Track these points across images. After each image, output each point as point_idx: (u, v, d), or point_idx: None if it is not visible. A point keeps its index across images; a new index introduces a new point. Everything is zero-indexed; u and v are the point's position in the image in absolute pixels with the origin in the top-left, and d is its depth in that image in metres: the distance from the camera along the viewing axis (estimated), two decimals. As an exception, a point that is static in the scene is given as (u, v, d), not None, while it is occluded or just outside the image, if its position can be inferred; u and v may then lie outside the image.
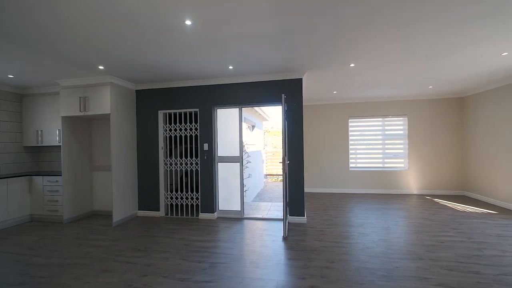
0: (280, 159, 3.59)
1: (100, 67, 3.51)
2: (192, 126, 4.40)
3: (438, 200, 5.37)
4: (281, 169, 3.45)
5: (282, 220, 4.06)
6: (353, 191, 6.26)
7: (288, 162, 3.86)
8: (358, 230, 3.59)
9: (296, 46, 2.94)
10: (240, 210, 4.27)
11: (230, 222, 4.03)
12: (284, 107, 3.56)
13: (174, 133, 4.47)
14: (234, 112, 4.30)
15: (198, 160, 4.36)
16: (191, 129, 4.41)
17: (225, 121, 4.36)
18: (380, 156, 6.31)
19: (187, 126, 4.41)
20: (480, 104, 5.27)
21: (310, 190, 6.38)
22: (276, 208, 4.86)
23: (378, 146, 6.34)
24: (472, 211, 4.48)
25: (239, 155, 4.27)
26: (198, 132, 4.34)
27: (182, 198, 4.50)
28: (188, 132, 4.41)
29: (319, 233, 3.49)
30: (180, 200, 4.50)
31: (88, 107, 3.97)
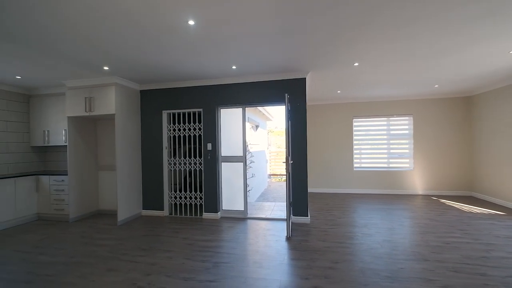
0: (284, 159, 3.58)
1: (105, 68, 3.55)
2: (196, 126, 4.42)
3: (444, 200, 5.29)
4: (284, 169, 3.44)
5: (285, 220, 4.04)
6: (357, 191, 6.21)
7: (292, 162, 3.85)
8: (362, 230, 3.56)
9: (296, 46, 2.94)
10: (243, 210, 4.28)
11: (233, 222, 4.04)
12: (287, 107, 3.54)
13: (178, 133, 4.49)
14: (237, 112, 4.30)
15: (201, 160, 4.38)
16: (195, 129, 4.43)
17: (228, 121, 4.37)
18: (385, 156, 6.25)
19: (191, 126, 4.43)
20: (488, 103, 5.17)
21: (314, 190, 6.35)
22: (279, 208, 4.85)
23: (383, 146, 6.27)
24: (479, 212, 4.40)
25: (242, 155, 4.28)
26: (201, 132, 4.35)
27: (186, 198, 4.52)
28: (191, 132, 4.43)
29: (322, 233, 3.47)
30: (184, 200, 4.52)
31: (93, 107, 4.01)
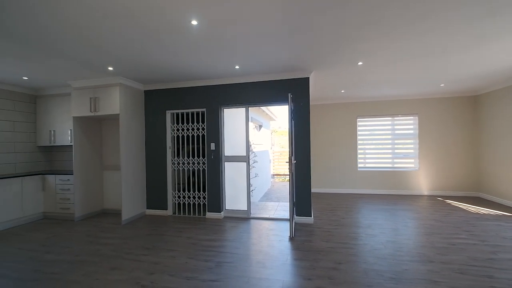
0: (287, 159, 3.57)
1: (110, 68, 3.58)
2: (199, 126, 4.43)
3: (450, 201, 5.21)
4: (288, 169, 3.43)
5: (288, 220, 4.04)
6: (361, 191, 6.16)
7: (295, 162, 3.83)
8: (366, 231, 3.53)
9: (300, 45, 2.92)
10: (246, 209, 4.28)
11: (236, 222, 4.04)
12: (290, 106, 3.53)
13: (181, 133, 4.51)
14: (241, 112, 4.30)
15: (205, 160, 4.39)
16: (198, 129, 4.45)
17: (232, 121, 4.37)
18: (390, 156, 6.19)
19: (194, 126, 4.45)
20: (495, 102, 5.08)
21: (317, 190, 6.32)
22: (283, 208, 4.84)
23: (387, 146, 6.21)
24: (486, 213, 4.33)
25: (245, 155, 4.28)
26: (205, 132, 4.37)
27: (189, 197, 4.54)
28: (195, 132, 4.45)
29: (326, 233, 3.45)
30: (187, 199, 4.54)
31: (98, 107, 4.05)
